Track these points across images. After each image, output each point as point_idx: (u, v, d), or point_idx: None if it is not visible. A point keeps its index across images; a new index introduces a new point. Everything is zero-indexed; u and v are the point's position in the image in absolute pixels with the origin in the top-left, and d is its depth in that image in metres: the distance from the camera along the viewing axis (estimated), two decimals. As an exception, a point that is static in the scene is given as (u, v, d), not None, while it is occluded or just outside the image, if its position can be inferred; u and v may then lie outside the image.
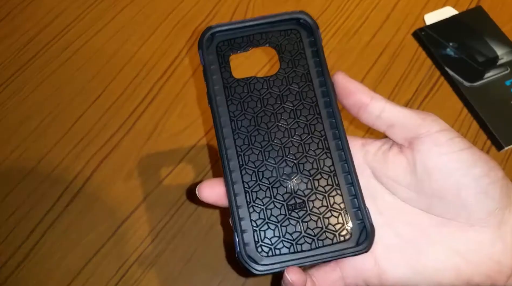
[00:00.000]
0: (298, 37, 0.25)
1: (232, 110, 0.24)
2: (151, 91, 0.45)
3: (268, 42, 0.25)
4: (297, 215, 0.23)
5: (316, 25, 0.25)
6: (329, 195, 0.23)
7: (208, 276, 0.37)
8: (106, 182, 0.41)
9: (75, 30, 0.49)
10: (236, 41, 0.25)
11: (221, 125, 0.24)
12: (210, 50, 0.25)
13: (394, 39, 0.48)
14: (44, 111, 0.44)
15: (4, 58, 0.47)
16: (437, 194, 0.22)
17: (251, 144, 0.24)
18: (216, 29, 0.24)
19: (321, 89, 0.24)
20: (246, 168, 0.23)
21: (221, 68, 0.25)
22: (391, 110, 0.23)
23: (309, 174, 0.23)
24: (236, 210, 0.23)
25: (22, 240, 0.39)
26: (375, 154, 0.24)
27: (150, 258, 0.38)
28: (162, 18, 0.50)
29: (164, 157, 0.42)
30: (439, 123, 0.22)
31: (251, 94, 0.24)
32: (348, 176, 0.23)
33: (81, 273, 0.37)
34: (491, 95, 0.43)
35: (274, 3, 0.51)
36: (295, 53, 0.25)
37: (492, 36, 0.47)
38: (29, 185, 0.41)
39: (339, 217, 0.23)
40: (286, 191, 0.23)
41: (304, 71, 0.25)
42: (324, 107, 0.24)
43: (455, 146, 0.22)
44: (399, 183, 0.23)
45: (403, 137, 0.23)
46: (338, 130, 0.24)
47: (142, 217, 0.40)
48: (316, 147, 0.24)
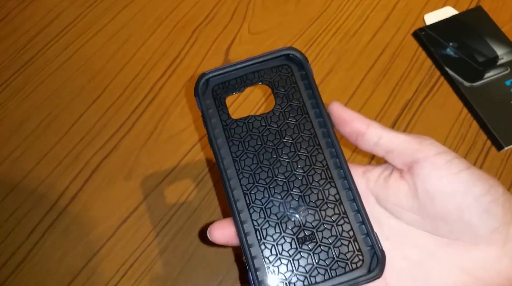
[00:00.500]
0: (289, 72, 0.26)
1: (233, 150, 0.25)
2: (151, 91, 0.45)
3: (261, 80, 0.26)
4: (308, 248, 0.23)
5: (305, 58, 0.26)
6: (337, 224, 0.23)
7: (208, 276, 0.37)
8: (106, 182, 0.41)
9: (75, 30, 0.49)
10: (231, 83, 0.26)
11: (225, 167, 0.24)
12: (206, 95, 0.25)
13: (394, 39, 0.48)
14: (44, 111, 0.44)
15: (4, 58, 0.47)
16: (441, 215, 0.22)
17: (255, 182, 0.24)
18: (210, 75, 0.25)
19: (317, 120, 0.25)
20: (254, 206, 0.24)
21: (219, 111, 0.25)
22: (388, 137, 0.23)
23: (315, 205, 0.24)
24: (248, 249, 0.23)
25: (22, 240, 0.39)
26: (376, 181, 0.24)
27: (150, 258, 0.38)
28: (162, 18, 0.50)
29: (164, 157, 0.42)
30: (436, 146, 0.23)
31: (251, 133, 0.25)
32: (354, 203, 0.24)
33: (81, 273, 0.38)
34: (491, 95, 0.43)
35: (274, 3, 0.51)
36: (289, 88, 0.25)
37: (492, 36, 0.47)
38: (29, 185, 0.41)
39: (349, 245, 0.23)
40: (295, 225, 0.23)
41: (299, 104, 0.25)
42: (323, 138, 0.25)
43: (453, 167, 0.22)
44: (402, 207, 0.23)
45: (402, 163, 0.23)
46: (339, 158, 0.24)
47: (142, 217, 0.40)
48: (319, 177, 0.24)
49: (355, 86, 0.46)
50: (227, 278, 0.37)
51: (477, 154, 0.42)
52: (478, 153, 0.42)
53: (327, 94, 0.45)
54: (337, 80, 0.46)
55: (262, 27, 0.49)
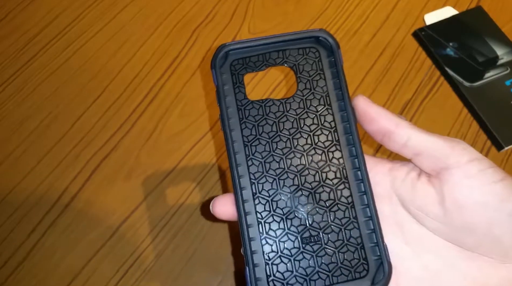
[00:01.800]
0: (317, 57, 0.24)
1: (246, 134, 0.23)
2: (151, 91, 0.45)
3: (285, 62, 0.24)
4: (311, 249, 0.22)
5: (337, 44, 0.24)
6: (346, 229, 0.22)
7: (208, 276, 0.37)
8: (106, 182, 0.41)
9: (75, 30, 0.49)
10: (251, 59, 0.24)
11: (235, 151, 0.22)
12: (223, 69, 0.23)
13: (394, 39, 0.48)
14: (44, 111, 0.44)
15: (4, 58, 0.47)
16: (468, 228, 0.21)
17: (265, 172, 0.22)
18: (230, 47, 0.23)
19: (340, 113, 0.23)
20: (260, 197, 0.22)
21: (235, 89, 0.23)
22: (418, 138, 0.22)
23: (325, 205, 0.22)
24: (249, 243, 0.22)
25: (22, 240, 0.39)
26: (403, 181, 0.23)
27: (150, 258, 0.38)
28: (162, 18, 0.50)
29: (164, 157, 0.42)
30: (470, 152, 0.21)
31: (267, 117, 0.23)
32: (367, 209, 0.22)
33: (81, 273, 0.38)
34: (491, 95, 0.43)
35: (274, 3, 0.51)
36: (314, 74, 0.23)
37: (492, 36, 0.47)
38: (29, 185, 0.41)
39: (355, 252, 0.22)
40: (301, 223, 0.22)
41: (323, 93, 0.23)
42: (344, 134, 0.23)
43: (487, 178, 0.20)
44: (427, 213, 0.22)
45: (431, 167, 0.22)
46: (358, 159, 0.22)
47: (142, 217, 0.40)
48: (333, 176, 0.22)
49: (355, 86, 0.46)
50: (227, 278, 0.37)
51: (477, 154, 0.42)
52: (478, 153, 0.42)
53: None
54: (337, 80, 0.46)
55: (262, 27, 0.49)
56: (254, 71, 0.24)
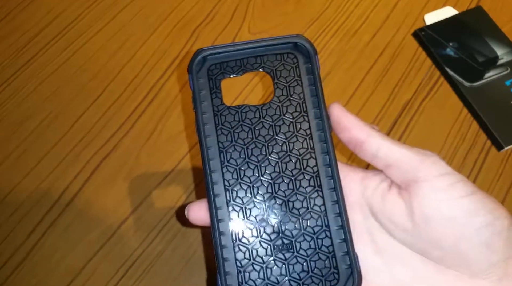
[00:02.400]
0: (294, 63, 0.24)
1: (221, 140, 0.23)
2: (151, 91, 0.45)
3: (262, 67, 0.24)
4: (283, 257, 0.22)
5: (314, 50, 0.24)
6: (318, 237, 0.22)
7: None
8: (106, 182, 0.41)
9: (75, 30, 0.49)
10: (229, 64, 0.23)
11: (209, 158, 0.22)
12: (200, 74, 0.23)
13: (394, 39, 0.48)
14: (44, 111, 0.44)
15: (4, 58, 0.47)
16: (435, 241, 0.21)
17: (239, 179, 0.22)
18: (207, 52, 0.23)
19: (316, 121, 0.23)
20: (234, 204, 0.22)
21: (211, 94, 0.23)
22: (388, 150, 0.22)
23: (298, 213, 0.22)
24: (221, 250, 0.22)
25: (22, 240, 0.39)
26: (374, 191, 0.23)
27: (150, 258, 0.38)
28: (162, 18, 0.50)
29: (164, 157, 0.42)
30: (440, 166, 0.21)
31: (242, 123, 0.23)
32: (339, 218, 0.22)
33: (81, 273, 0.38)
34: (491, 95, 0.43)
35: (274, 3, 0.51)
36: (291, 80, 0.23)
37: (492, 36, 0.47)
38: (29, 185, 0.41)
39: (326, 260, 0.22)
40: (274, 230, 0.22)
41: (299, 100, 0.23)
42: (319, 141, 0.23)
43: (456, 192, 0.20)
44: (396, 225, 0.22)
45: (400, 179, 0.22)
46: (331, 167, 0.22)
47: (142, 217, 0.40)
48: (307, 184, 0.22)
49: (355, 86, 0.46)
50: (227, 278, 0.37)
51: (477, 154, 0.42)
52: (478, 153, 0.42)
53: (326, 95, 0.45)
54: (337, 80, 0.46)
55: (262, 27, 0.49)
56: (231, 76, 0.23)
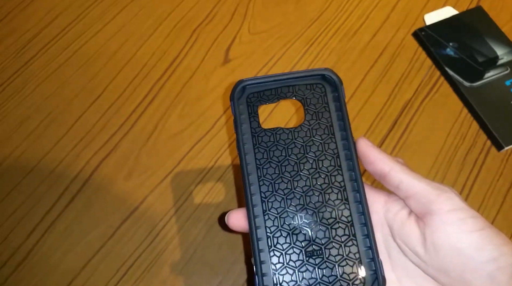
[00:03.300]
0: (323, 92, 0.27)
1: (258, 157, 0.26)
2: (151, 91, 0.45)
3: (294, 95, 0.27)
4: (314, 262, 0.24)
5: (340, 81, 0.26)
6: (345, 245, 0.24)
7: (207, 276, 0.37)
8: (106, 181, 0.41)
9: (75, 30, 0.49)
10: (265, 93, 0.27)
11: (248, 172, 0.25)
12: (240, 101, 0.26)
13: (394, 39, 0.48)
14: (44, 111, 0.44)
15: (4, 58, 0.47)
16: (443, 269, 0.23)
17: (274, 191, 0.25)
18: (247, 83, 0.26)
19: (342, 142, 0.26)
20: (269, 213, 0.25)
21: (250, 118, 0.26)
22: (408, 183, 0.24)
23: (327, 223, 0.25)
24: (258, 254, 0.24)
25: (22, 240, 0.39)
26: (395, 215, 0.25)
27: (150, 258, 0.38)
28: (162, 18, 0.50)
29: (164, 157, 0.42)
30: (453, 202, 0.23)
31: (277, 143, 0.26)
32: (364, 228, 0.24)
33: (81, 273, 0.38)
34: (491, 95, 0.43)
35: (274, 3, 0.51)
36: (320, 107, 0.26)
37: (492, 36, 0.47)
38: (29, 185, 0.41)
39: (353, 266, 0.24)
40: (305, 238, 0.24)
41: (327, 124, 0.26)
42: (345, 160, 0.25)
43: (466, 226, 0.22)
44: (410, 249, 0.24)
45: (417, 210, 0.24)
46: (357, 182, 0.25)
47: (142, 216, 0.40)
48: (335, 197, 0.25)
49: (355, 86, 0.46)
50: (227, 278, 0.37)
51: (477, 154, 0.42)
52: (478, 153, 0.42)
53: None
54: (337, 80, 0.46)
55: (262, 27, 0.49)
56: (267, 103, 0.27)
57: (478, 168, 0.41)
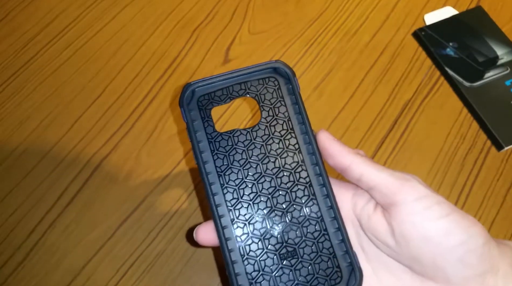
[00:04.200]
0: (276, 85, 0.25)
1: (218, 165, 0.24)
2: (151, 91, 0.45)
3: (247, 93, 0.25)
4: (289, 264, 0.24)
5: (292, 72, 0.25)
6: (318, 241, 0.24)
7: (207, 276, 0.37)
8: (106, 181, 0.41)
9: (75, 30, 0.49)
10: (216, 94, 0.25)
11: (210, 182, 0.24)
12: (191, 106, 0.25)
13: (394, 39, 0.48)
14: (44, 111, 0.44)
15: (4, 58, 0.47)
16: (415, 258, 0.22)
17: (240, 198, 0.24)
18: (195, 85, 0.25)
19: (302, 136, 0.25)
20: (238, 222, 0.24)
21: (204, 123, 0.25)
22: (369, 175, 0.23)
23: (297, 222, 0.24)
24: (232, 266, 0.23)
25: (22, 240, 0.39)
26: (362, 209, 0.24)
27: (150, 258, 0.38)
28: (162, 18, 0.50)
29: (164, 157, 0.42)
30: (417, 190, 0.22)
31: (236, 146, 0.25)
32: (335, 221, 0.24)
33: (81, 273, 0.38)
34: (491, 95, 0.43)
35: (274, 3, 0.51)
36: (275, 102, 0.25)
37: (492, 36, 0.47)
38: (29, 185, 0.41)
39: (328, 261, 0.24)
40: (278, 241, 0.24)
41: (285, 118, 0.25)
42: (307, 154, 0.25)
43: (431, 214, 0.22)
44: (381, 241, 0.24)
45: (381, 202, 0.23)
46: (322, 177, 0.24)
47: (142, 217, 0.40)
48: (302, 194, 0.24)
49: (355, 86, 0.46)
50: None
51: (477, 154, 0.42)
52: (478, 153, 0.42)
53: (327, 94, 0.45)
54: (337, 80, 0.46)
55: (262, 27, 0.49)
56: (220, 105, 0.25)
57: (478, 168, 0.41)
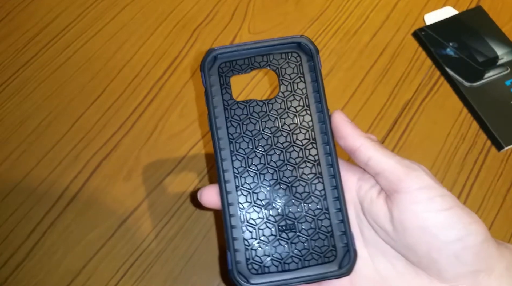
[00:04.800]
0: (298, 61, 0.25)
1: (231, 132, 0.25)
2: (151, 91, 0.45)
3: (268, 65, 0.25)
4: (286, 236, 0.24)
5: (316, 49, 0.25)
6: (318, 218, 0.24)
7: (207, 276, 0.37)
8: (106, 182, 0.41)
9: (75, 30, 0.49)
10: (238, 63, 0.25)
11: (220, 147, 0.24)
12: (212, 71, 0.25)
13: (394, 39, 0.48)
14: (44, 111, 0.44)
15: (4, 58, 0.47)
16: (411, 247, 0.23)
17: (247, 166, 0.24)
18: (218, 51, 0.25)
19: (317, 114, 0.25)
20: (242, 189, 0.24)
21: (222, 90, 0.25)
22: (377, 160, 0.23)
23: (300, 197, 0.24)
24: (231, 230, 0.24)
25: (22, 240, 0.39)
26: (366, 192, 0.24)
27: (150, 258, 0.38)
28: (162, 18, 0.50)
29: (164, 157, 0.42)
30: (422, 179, 0.22)
31: (250, 116, 0.25)
32: (337, 202, 0.24)
33: (81, 273, 0.38)
34: (491, 95, 0.43)
35: (274, 3, 0.51)
36: (295, 77, 0.25)
37: (492, 36, 0.47)
38: (29, 185, 0.41)
39: (325, 240, 0.24)
40: (278, 213, 0.24)
41: (302, 95, 0.25)
42: (320, 133, 0.25)
43: (433, 206, 0.22)
44: (379, 226, 0.24)
45: (386, 188, 0.23)
46: (331, 156, 0.24)
47: (142, 217, 0.40)
48: (309, 171, 0.24)
49: (355, 86, 0.46)
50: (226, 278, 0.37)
51: (477, 154, 0.42)
52: (478, 153, 0.42)
53: (327, 95, 0.45)
54: (337, 80, 0.46)
55: (262, 27, 0.49)
56: (240, 74, 0.25)
57: (478, 168, 0.41)
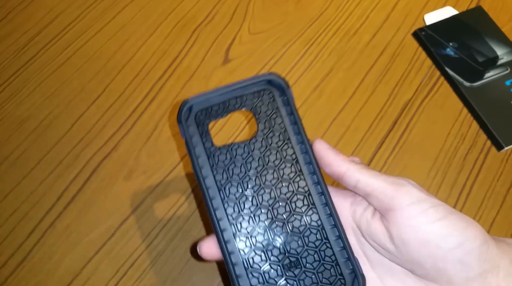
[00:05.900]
0: (271, 97, 0.26)
1: (218, 179, 0.25)
2: (151, 91, 0.45)
3: (243, 106, 0.26)
4: (293, 274, 0.24)
5: (286, 84, 0.26)
6: (320, 250, 0.24)
7: (207, 276, 0.37)
8: (106, 181, 0.41)
9: (75, 30, 0.49)
10: (213, 109, 0.26)
11: (210, 197, 0.24)
12: (189, 122, 0.25)
13: (394, 39, 0.48)
14: (44, 111, 0.44)
15: (4, 58, 0.47)
16: (416, 262, 0.23)
17: (241, 211, 0.24)
18: (192, 102, 0.25)
19: (299, 146, 0.25)
20: (240, 235, 0.24)
21: (202, 139, 0.25)
22: (365, 182, 0.24)
23: (299, 232, 0.24)
24: (237, 281, 0.23)
25: (22, 240, 0.39)
26: (361, 215, 0.25)
27: (150, 258, 0.38)
28: (162, 18, 0.50)
29: (164, 157, 0.42)
30: (412, 194, 0.23)
31: (234, 160, 0.25)
32: (335, 229, 0.24)
33: (81, 273, 0.38)
34: (491, 95, 0.43)
35: (274, 3, 0.51)
36: (271, 113, 0.26)
37: (492, 36, 0.47)
38: (29, 185, 0.41)
39: (331, 269, 0.24)
40: (280, 252, 0.24)
41: (281, 130, 0.25)
42: (304, 164, 0.25)
43: (427, 218, 0.22)
44: (382, 247, 0.24)
45: (379, 208, 0.24)
46: (320, 185, 0.24)
47: (142, 217, 0.40)
48: (301, 204, 0.24)
49: (355, 86, 0.46)
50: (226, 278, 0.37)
51: (477, 154, 0.42)
52: (478, 153, 0.42)
53: (327, 95, 0.45)
54: (337, 80, 0.46)
55: (262, 27, 0.49)
56: (217, 119, 0.26)
57: (478, 168, 0.41)
